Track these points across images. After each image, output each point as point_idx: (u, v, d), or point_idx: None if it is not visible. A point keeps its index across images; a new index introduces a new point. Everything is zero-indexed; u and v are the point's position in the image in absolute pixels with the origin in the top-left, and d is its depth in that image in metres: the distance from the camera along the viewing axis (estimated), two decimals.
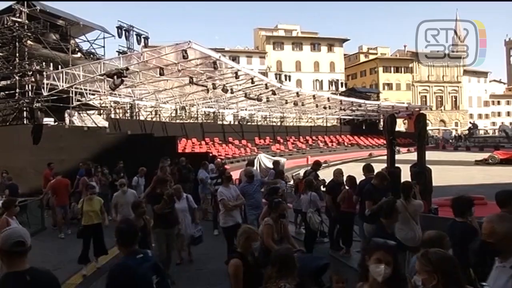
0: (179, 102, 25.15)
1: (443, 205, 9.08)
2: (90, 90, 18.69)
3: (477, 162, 24.92)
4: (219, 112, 33.81)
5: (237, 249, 3.84)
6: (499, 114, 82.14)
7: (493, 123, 73.45)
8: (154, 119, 30.17)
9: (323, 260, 4.31)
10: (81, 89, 17.81)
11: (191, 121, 34.77)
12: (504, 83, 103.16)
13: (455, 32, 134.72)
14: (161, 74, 16.60)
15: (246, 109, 32.59)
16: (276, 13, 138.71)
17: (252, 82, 21.71)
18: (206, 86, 20.87)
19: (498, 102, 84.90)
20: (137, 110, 28.04)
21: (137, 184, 11.55)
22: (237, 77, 19.54)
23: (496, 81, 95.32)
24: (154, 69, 17.23)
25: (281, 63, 62.78)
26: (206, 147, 28.53)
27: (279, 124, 43.32)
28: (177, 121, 32.63)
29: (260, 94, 25.43)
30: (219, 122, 37.39)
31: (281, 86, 27.45)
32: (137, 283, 2.89)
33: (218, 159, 15.45)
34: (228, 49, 58.53)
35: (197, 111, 33.77)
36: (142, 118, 28.15)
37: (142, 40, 24.03)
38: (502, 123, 53.89)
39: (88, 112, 20.41)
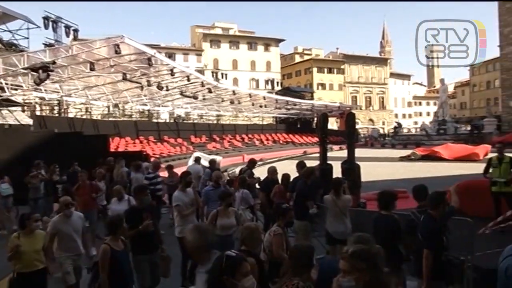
0: (112, 99, 24.21)
1: (370, 199, 9.61)
2: (12, 84, 17.40)
3: (401, 158, 26.45)
4: (154, 110, 33.02)
5: (241, 247, 3.64)
6: (420, 114, 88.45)
7: (415, 122, 78.71)
8: (84, 117, 28.82)
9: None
10: (0, 83, 16.51)
11: (125, 119, 33.66)
12: (425, 86, 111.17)
13: (383, 36, 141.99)
14: (92, 69, 15.85)
15: (182, 107, 32.12)
16: (213, 11, 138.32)
17: (188, 80, 21.44)
18: (141, 83, 20.27)
19: (420, 103, 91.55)
20: (65, 107, 26.61)
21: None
22: (172, 74, 19.19)
23: (418, 83, 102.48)
24: (84, 64, 16.38)
25: (218, 61, 62.60)
26: (141, 146, 27.75)
27: (215, 122, 43.18)
28: (110, 119, 31.42)
29: (197, 92, 25.18)
30: (154, 120, 36.56)
31: (217, 85, 27.39)
32: None
33: (155, 159, 15.09)
34: (164, 46, 57.26)
35: (131, 109, 32.75)
36: (71, 115, 26.76)
37: (72, 32, 22.80)
38: (423, 122, 57.82)
39: (9, 108, 19.01)
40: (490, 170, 7.98)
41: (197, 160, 12.40)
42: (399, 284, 4.54)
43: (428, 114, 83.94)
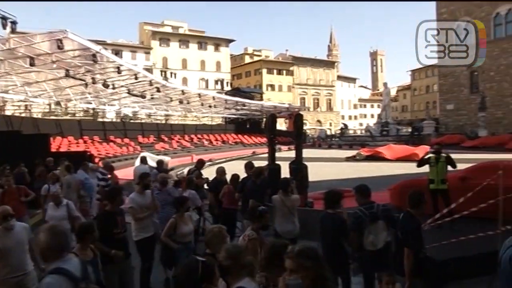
0: (54, 96, 23.05)
1: (317, 198, 9.83)
2: None
3: (347, 159, 27.23)
4: (99, 109, 31.86)
5: (206, 250, 3.50)
6: (365, 116, 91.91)
7: (361, 124, 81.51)
8: (23, 115, 27.27)
9: None
10: None
11: (68, 117, 32.23)
12: (370, 89, 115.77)
13: (330, 40, 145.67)
14: (32, 64, 15.00)
15: (129, 106, 31.23)
16: (162, 9, 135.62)
17: (136, 78, 20.85)
18: (85, 80, 19.44)
19: (365, 106, 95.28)
20: (1, 104, 25.04)
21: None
22: (119, 72, 18.56)
23: (363, 87, 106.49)
24: (23, 59, 15.50)
25: (167, 60, 61.45)
26: (85, 146, 26.69)
27: (164, 122, 42.41)
28: (51, 117, 29.94)
29: (144, 91, 24.58)
30: (99, 119, 35.29)
31: (166, 84, 26.88)
32: None
33: (107, 159, 14.52)
34: (111, 42, 55.40)
35: (74, 107, 31.38)
36: (8, 113, 25.21)
37: (9, 24, 21.41)
38: (368, 124, 60.07)
39: None
40: (428, 169, 8.41)
41: (143, 160, 12.11)
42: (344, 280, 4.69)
43: (372, 116, 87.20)
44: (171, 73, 53.49)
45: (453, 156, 8.59)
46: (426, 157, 8.50)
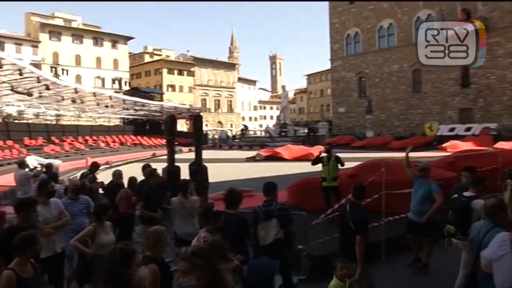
0: None
1: (218, 199, 9.86)
2: None
3: (248, 159, 27.78)
4: None
5: (146, 252, 3.26)
6: (265, 117, 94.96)
7: (261, 125, 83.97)
8: None
9: (277, 264, 4.24)
10: None
11: None
12: (269, 91, 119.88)
13: (231, 42, 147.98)
14: None
15: (13, 105, 28.28)
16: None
17: (21, 74, 18.99)
18: None
19: (264, 107, 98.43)
20: None
21: None
22: (0, 66, 16.80)
23: (263, 89, 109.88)
24: None
25: (58, 55, 56.77)
26: None
27: (54, 122, 39.27)
28: None
29: (31, 88, 22.46)
30: None
31: (56, 81, 24.87)
32: None
33: None
34: None
35: None
36: None
37: None
38: (267, 125, 62.08)
39: None
40: (321, 167, 8.93)
41: (21, 164, 10.64)
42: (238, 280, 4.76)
43: (271, 117, 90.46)
44: (63, 69, 49.65)
45: (344, 155, 9.28)
46: (320, 156, 9.01)
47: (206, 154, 10.66)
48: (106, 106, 34.66)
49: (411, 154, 6.78)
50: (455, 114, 39.91)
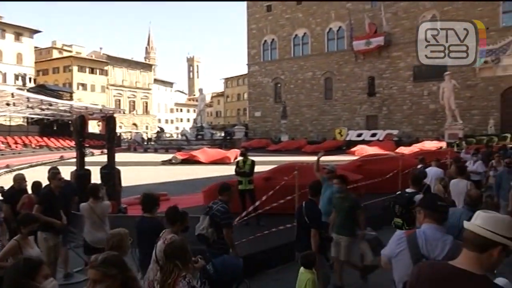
0: None
1: (132, 203, 9.57)
2: None
3: (163, 162, 27.23)
4: None
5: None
6: (181, 120, 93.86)
7: (177, 128, 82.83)
8: None
9: (240, 261, 4.53)
10: None
11: None
12: (186, 94, 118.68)
13: (148, 42, 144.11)
14: None
15: None
16: None
17: None
18: None
19: (181, 110, 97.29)
20: None
21: None
22: None
23: (180, 91, 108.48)
24: None
25: None
26: None
27: None
28: None
29: None
30: None
31: None
32: None
33: None
34: None
35: None
36: None
37: None
38: (184, 128, 61.34)
39: None
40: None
41: None
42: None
43: (188, 120, 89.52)
44: None
45: (260, 158, 9.54)
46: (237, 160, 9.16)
47: (119, 157, 10.30)
48: (8, 104, 31.70)
49: (323, 158, 7.18)
50: (362, 120, 42.88)
